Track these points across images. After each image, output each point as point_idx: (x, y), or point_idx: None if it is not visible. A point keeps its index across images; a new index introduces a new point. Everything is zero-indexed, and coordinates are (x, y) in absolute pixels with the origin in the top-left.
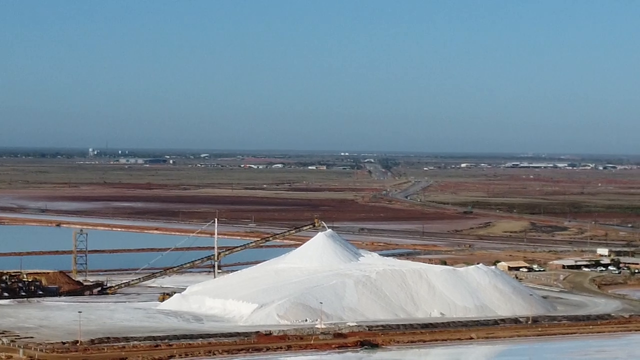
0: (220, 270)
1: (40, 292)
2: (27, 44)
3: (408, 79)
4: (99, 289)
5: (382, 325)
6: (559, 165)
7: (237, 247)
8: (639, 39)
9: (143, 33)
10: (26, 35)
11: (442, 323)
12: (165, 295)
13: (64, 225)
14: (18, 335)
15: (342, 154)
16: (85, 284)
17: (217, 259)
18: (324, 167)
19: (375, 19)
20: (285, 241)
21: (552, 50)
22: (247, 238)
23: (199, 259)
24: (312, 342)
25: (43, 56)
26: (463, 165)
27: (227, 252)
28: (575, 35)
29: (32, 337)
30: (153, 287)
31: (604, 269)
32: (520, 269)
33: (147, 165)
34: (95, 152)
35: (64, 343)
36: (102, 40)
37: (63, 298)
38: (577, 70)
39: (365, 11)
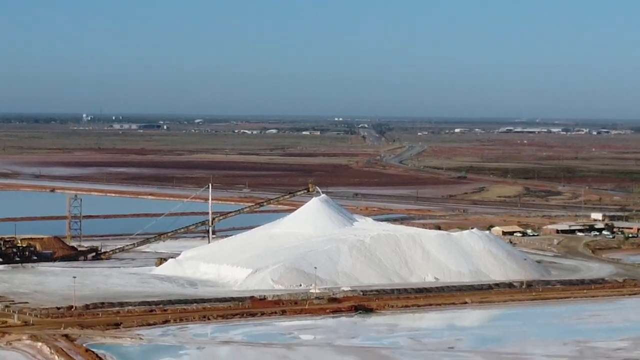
0: (214, 236)
1: (35, 258)
2: (21, 10)
3: (402, 44)
4: (93, 254)
5: (376, 290)
6: (553, 130)
7: (231, 212)
8: (633, 4)
9: None
10: (19, 1)
11: (436, 288)
12: (162, 260)
13: (58, 191)
14: (12, 301)
15: (336, 119)
16: (79, 249)
17: (212, 224)
18: (318, 133)
19: None
20: (279, 206)
21: (546, 15)
22: (241, 203)
23: (193, 224)
24: (306, 306)
25: (36, 22)
26: (457, 130)
27: (221, 218)
28: (570, 0)
29: (26, 303)
30: (147, 252)
31: (597, 233)
32: (514, 234)
33: (141, 131)
34: (89, 118)
35: (58, 308)
36: (97, 6)
37: (57, 263)
38: (572, 35)
39: None
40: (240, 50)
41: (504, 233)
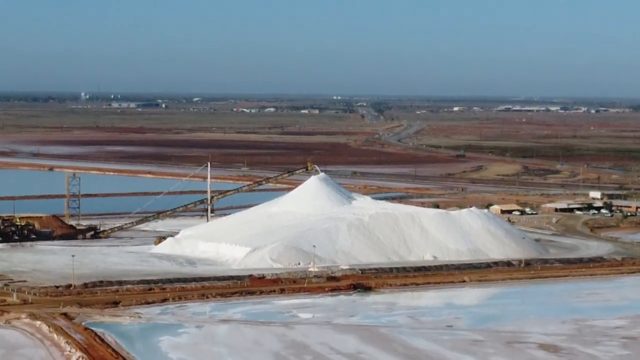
0: (213, 214)
1: (34, 236)
2: None
3: (401, 22)
4: (92, 232)
5: (375, 269)
6: (552, 108)
7: (230, 190)
8: None
9: None
10: None
11: (435, 266)
12: (161, 238)
13: (57, 169)
14: (12, 279)
15: (335, 97)
16: (78, 228)
17: (210, 202)
18: (317, 111)
19: None
20: (278, 185)
21: None
22: (240, 182)
23: (192, 203)
24: (305, 285)
25: (35, 2)
26: (455, 108)
27: (220, 196)
28: None
29: (25, 281)
30: (146, 231)
31: (596, 212)
32: (513, 212)
33: (140, 109)
34: (88, 97)
35: (57, 287)
36: None
37: (56, 242)
38: (570, 12)
39: None
40: (239, 29)
41: (503, 211)
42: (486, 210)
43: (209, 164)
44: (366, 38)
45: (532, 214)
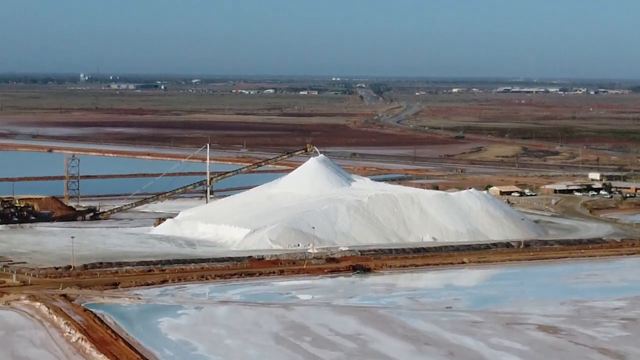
0: (212, 196)
1: (33, 218)
2: None
3: (400, 3)
4: (92, 214)
5: (374, 250)
6: (551, 90)
7: (229, 172)
8: None
9: None
10: None
11: (434, 247)
12: (161, 220)
13: (56, 151)
14: (11, 261)
15: (334, 79)
16: (77, 209)
17: (209, 184)
18: (316, 93)
19: None
20: (277, 166)
21: None
22: (239, 163)
23: (191, 185)
24: (304, 266)
25: None
26: (455, 90)
27: (219, 178)
28: None
29: (25, 263)
30: (145, 212)
31: (595, 193)
32: (512, 194)
33: (139, 91)
34: (87, 78)
35: (57, 268)
36: None
37: (55, 223)
38: None
39: None
40: (237, 11)
41: (502, 193)
42: (485, 191)
43: (208, 145)
44: (365, 19)
45: (531, 195)
